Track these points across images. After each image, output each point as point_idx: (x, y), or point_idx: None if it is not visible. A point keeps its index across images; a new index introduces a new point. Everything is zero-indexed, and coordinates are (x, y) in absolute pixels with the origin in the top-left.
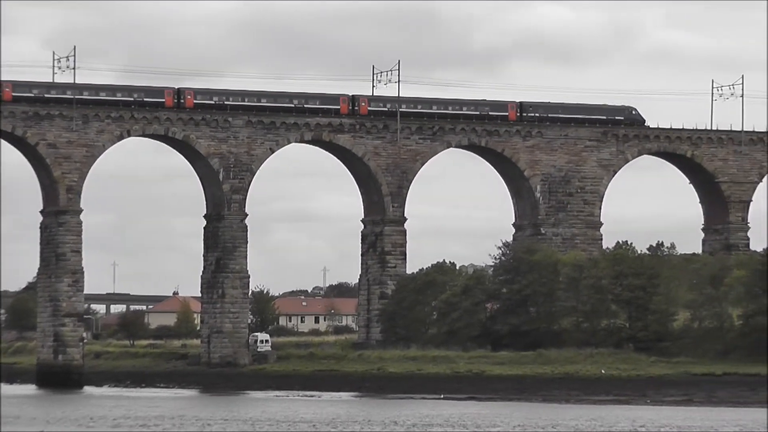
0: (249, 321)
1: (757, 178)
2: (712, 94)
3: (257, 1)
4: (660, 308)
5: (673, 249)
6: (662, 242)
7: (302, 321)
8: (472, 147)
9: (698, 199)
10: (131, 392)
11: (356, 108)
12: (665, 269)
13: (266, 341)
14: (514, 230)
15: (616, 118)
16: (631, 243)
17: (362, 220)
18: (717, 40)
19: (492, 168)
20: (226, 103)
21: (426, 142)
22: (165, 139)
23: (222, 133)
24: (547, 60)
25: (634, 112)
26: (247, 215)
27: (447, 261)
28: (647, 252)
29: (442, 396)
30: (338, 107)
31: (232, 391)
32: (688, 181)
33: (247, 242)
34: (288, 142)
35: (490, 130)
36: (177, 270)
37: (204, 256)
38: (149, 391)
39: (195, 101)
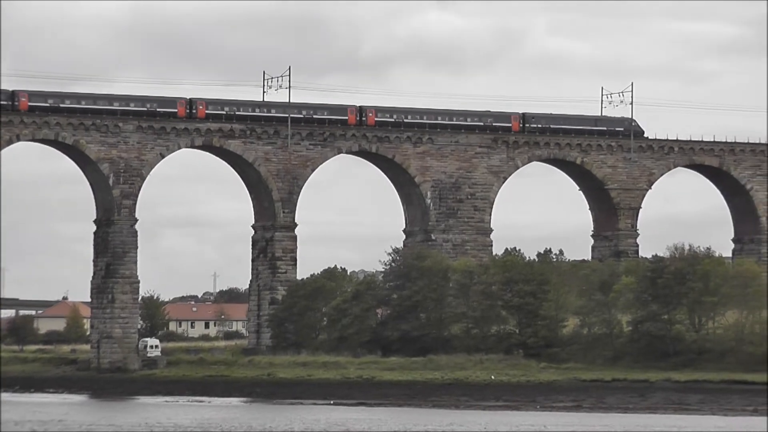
0: (139, 326)
1: (646, 185)
2: (602, 101)
3: (143, 0)
4: (549, 314)
5: (561, 255)
6: (551, 249)
7: (192, 326)
8: (362, 153)
9: (588, 206)
10: (20, 397)
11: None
12: (555, 276)
13: (156, 346)
14: (404, 236)
15: (617, 129)
16: (520, 249)
17: (253, 226)
18: (601, 48)
19: (383, 174)
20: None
21: (317, 148)
22: (55, 144)
23: (112, 138)
24: (434, 66)
25: (633, 123)
26: (137, 220)
27: (337, 267)
28: (537, 258)
29: (332, 402)
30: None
31: (121, 396)
32: (577, 188)
33: (137, 247)
34: (178, 148)
35: (380, 136)
36: (67, 275)
37: (94, 261)
38: (39, 397)
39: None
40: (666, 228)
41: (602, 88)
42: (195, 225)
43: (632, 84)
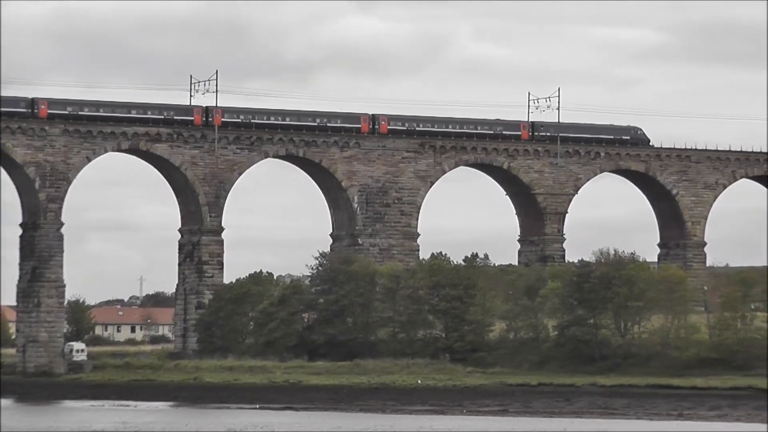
0: (65, 330)
1: (573, 190)
2: (529, 106)
3: (67, 1)
4: (476, 319)
5: (487, 260)
6: (477, 253)
7: (118, 330)
8: (289, 157)
9: (515, 211)
10: None
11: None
12: (481, 280)
13: (82, 350)
14: (331, 240)
15: (623, 137)
16: (447, 254)
17: (179, 230)
18: (526, 53)
19: (310, 179)
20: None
21: (244, 152)
22: None
23: (38, 142)
24: (358, 71)
25: (639, 132)
26: (63, 224)
27: (264, 271)
28: (463, 263)
29: (258, 406)
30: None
31: (47, 400)
32: (504, 192)
33: (63, 251)
34: (105, 151)
35: (308, 140)
36: None
37: (20, 264)
38: None
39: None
40: (592, 233)
41: (529, 93)
42: (121, 229)
43: (559, 89)
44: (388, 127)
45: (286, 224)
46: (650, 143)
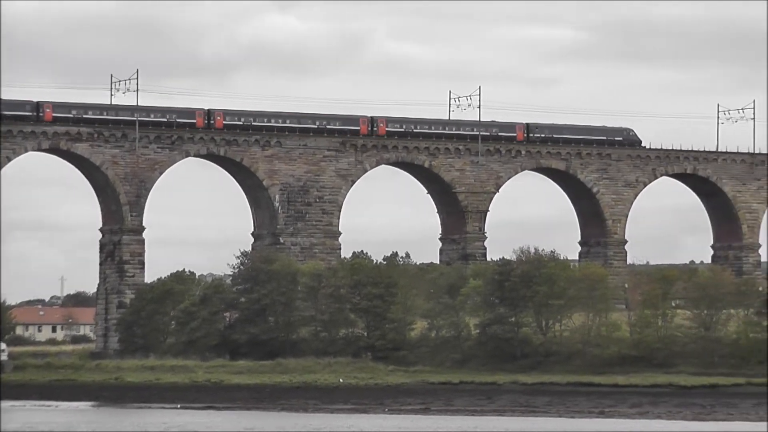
0: None
1: (494, 188)
2: (450, 104)
3: None
4: (397, 317)
5: (408, 258)
6: (398, 252)
7: (39, 330)
8: (210, 156)
9: (436, 210)
10: None
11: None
12: (402, 279)
13: (2, 351)
14: (253, 240)
15: (616, 138)
16: (368, 253)
17: (100, 229)
18: (445, 52)
19: (231, 177)
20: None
21: (164, 151)
22: None
23: None
24: (277, 69)
25: (632, 133)
26: None
27: (186, 270)
28: (384, 261)
29: (179, 405)
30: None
31: None
32: (426, 191)
33: None
34: (25, 151)
35: (228, 139)
36: None
37: None
38: None
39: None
40: (513, 231)
41: (450, 92)
42: (42, 228)
43: (480, 88)
44: (388, 129)
45: (208, 223)
46: (642, 144)
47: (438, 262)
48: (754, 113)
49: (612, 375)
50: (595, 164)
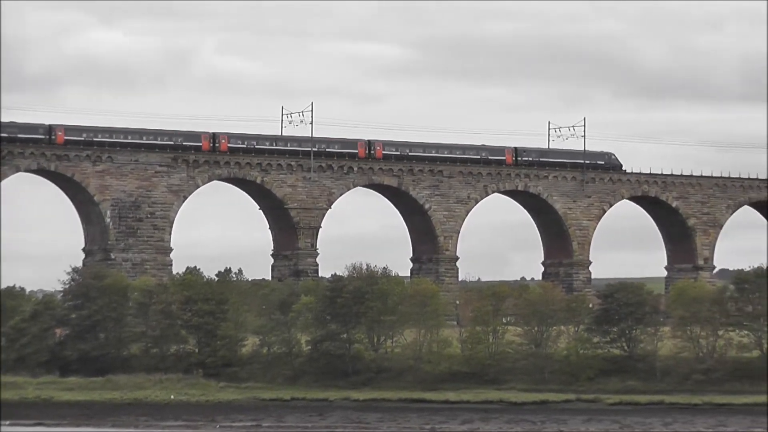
0: None
1: (326, 204)
2: (282, 120)
3: None
4: (228, 334)
5: (240, 275)
6: (230, 268)
7: None
8: (41, 171)
9: (268, 225)
10: None
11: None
12: (234, 295)
13: None
14: (84, 255)
15: (597, 162)
16: (200, 269)
17: None
18: (272, 67)
19: (62, 192)
20: None
21: None
22: None
23: None
24: (103, 85)
25: (613, 157)
26: None
27: (16, 286)
28: (216, 277)
29: (8, 422)
30: None
31: None
32: (258, 207)
33: None
34: None
35: (59, 154)
36: None
37: None
38: None
39: None
40: (345, 247)
41: (282, 108)
42: None
43: (312, 104)
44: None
45: (39, 239)
46: (622, 168)
47: (270, 278)
48: (584, 131)
49: (443, 391)
50: (427, 181)
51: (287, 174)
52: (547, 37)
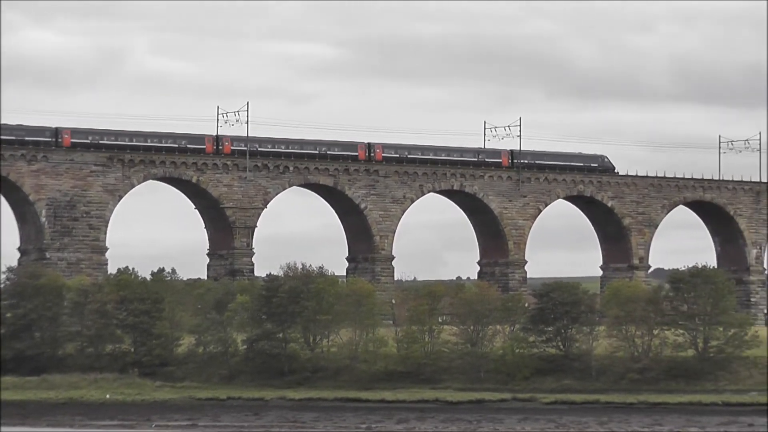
0: None
1: (262, 204)
2: (218, 120)
3: None
4: (164, 333)
5: (175, 274)
6: (164, 267)
7: None
8: None
9: (204, 225)
10: None
11: None
12: (169, 294)
13: None
14: (19, 255)
15: (591, 165)
16: (135, 268)
17: None
18: (206, 68)
19: None
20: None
21: None
22: None
23: None
24: (38, 84)
25: (606, 160)
26: None
27: None
28: (151, 277)
29: None
30: None
31: None
32: (194, 206)
33: None
34: None
35: None
36: None
37: None
38: None
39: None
40: (281, 247)
41: (218, 107)
42: None
43: (248, 104)
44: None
45: None
46: (615, 170)
47: (205, 278)
48: (520, 131)
49: (379, 391)
50: (362, 180)
51: (223, 173)
52: (478, 37)
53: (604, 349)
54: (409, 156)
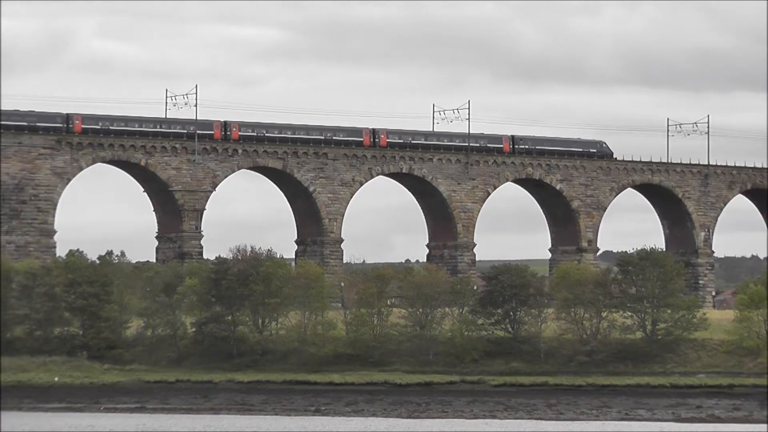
0: None
1: (211, 187)
2: (167, 103)
3: None
4: (112, 316)
5: (123, 257)
6: (113, 250)
7: None
8: None
9: (152, 208)
10: None
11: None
12: (118, 277)
13: None
14: None
15: (590, 150)
16: (84, 251)
17: None
18: (152, 51)
19: None
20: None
21: None
22: None
23: None
24: None
25: (604, 146)
26: None
27: None
28: (100, 260)
29: None
30: None
31: None
32: (142, 189)
33: None
34: None
35: None
36: None
37: None
38: None
39: None
40: (230, 230)
41: (167, 90)
42: None
43: (197, 86)
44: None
45: None
46: (613, 156)
47: (154, 261)
48: (468, 114)
49: (328, 373)
50: (311, 163)
51: (171, 156)
52: (422, 19)
53: (553, 331)
54: (412, 142)
